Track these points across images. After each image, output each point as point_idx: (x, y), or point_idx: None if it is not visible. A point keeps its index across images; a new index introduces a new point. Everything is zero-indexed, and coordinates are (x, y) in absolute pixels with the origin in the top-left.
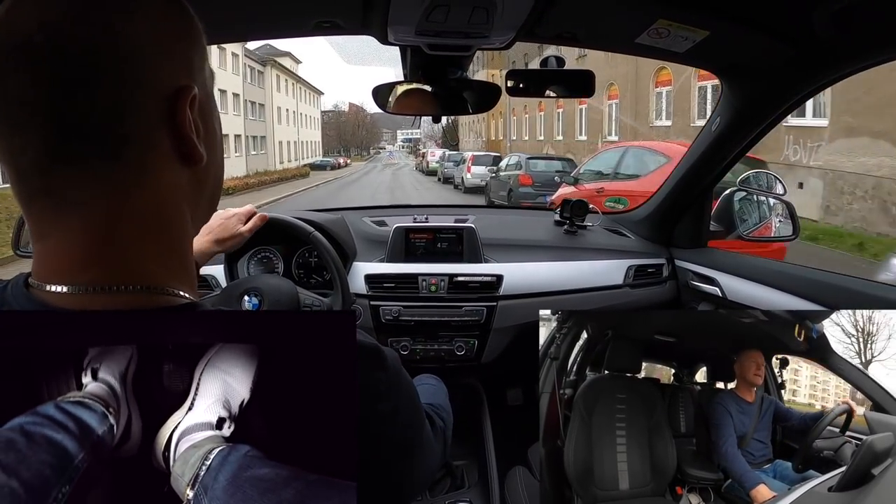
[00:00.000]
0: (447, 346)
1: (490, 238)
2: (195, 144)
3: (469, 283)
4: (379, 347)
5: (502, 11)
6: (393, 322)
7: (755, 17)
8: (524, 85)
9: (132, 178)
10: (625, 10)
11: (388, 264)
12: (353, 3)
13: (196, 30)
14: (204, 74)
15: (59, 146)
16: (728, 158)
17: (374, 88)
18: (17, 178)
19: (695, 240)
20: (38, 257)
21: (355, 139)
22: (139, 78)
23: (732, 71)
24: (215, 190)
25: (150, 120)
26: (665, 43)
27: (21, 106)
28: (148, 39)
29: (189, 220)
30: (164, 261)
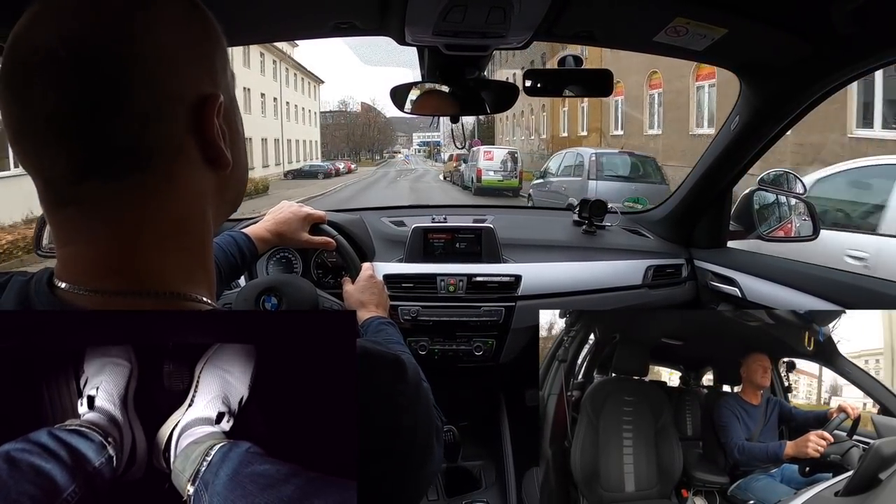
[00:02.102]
0: (465, 346)
1: (509, 238)
2: (223, 150)
3: (487, 283)
4: (400, 359)
5: (519, 11)
6: (411, 322)
7: (774, 14)
8: (542, 84)
9: (160, 185)
10: (642, 8)
11: (406, 264)
12: (370, 4)
13: (217, 34)
14: (227, 78)
15: (88, 159)
16: (747, 157)
17: (392, 89)
18: (44, 187)
19: (714, 240)
20: (62, 260)
21: (366, 140)
22: (165, 86)
23: (751, 69)
24: (239, 192)
25: (177, 128)
26: (683, 41)
27: (48, 121)
28: (171, 47)
29: (212, 224)
30: (186, 266)
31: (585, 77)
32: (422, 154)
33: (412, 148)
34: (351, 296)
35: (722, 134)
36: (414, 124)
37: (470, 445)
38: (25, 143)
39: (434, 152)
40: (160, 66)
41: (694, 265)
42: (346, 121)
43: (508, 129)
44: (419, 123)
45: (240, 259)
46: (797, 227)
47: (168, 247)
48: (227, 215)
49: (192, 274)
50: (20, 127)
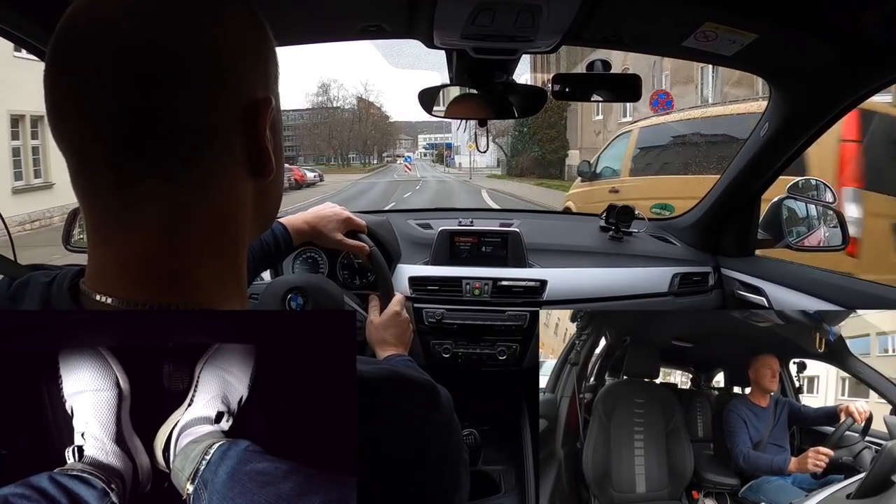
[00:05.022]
0: (489, 349)
1: (535, 243)
2: (270, 156)
3: (513, 287)
4: (434, 386)
5: (548, 15)
6: (436, 325)
7: (804, 19)
8: (570, 89)
9: (204, 181)
10: (671, 13)
11: (432, 267)
12: (398, 7)
13: (273, 44)
14: (278, 87)
15: (134, 138)
16: (777, 164)
17: (420, 92)
18: (80, 168)
19: (742, 248)
20: (93, 262)
21: (356, 139)
22: (224, 82)
23: (781, 74)
24: (275, 205)
25: (228, 126)
26: (712, 46)
27: (95, 90)
28: (235, 45)
29: (247, 236)
30: (220, 275)
31: (614, 81)
32: (429, 158)
33: (417, 151)
34: (373, 331)
35: (751, 140)
36: (418, 125)
37: (490, 449)
38: (67, 112)
39: (446, 155)
40: (220, 60)
41: (721, 273)
42: (326, 118)
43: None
44: (425, 124)
45: (274, 248)
46: (826, 236)
47: (206, 253)
48: (261, 230)
49: (225, 286)
50: (67, 93)
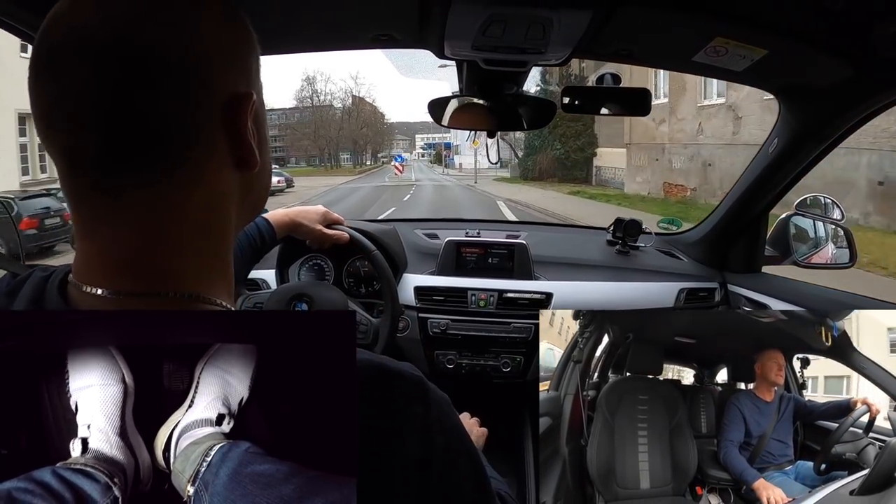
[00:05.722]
0: (493, 361)
1: (541, 255)
2: (254, 150)
3: (518, 299)
4: (423, 381)
5: (559, 28)
6: (440, 335)
7: (814, 35)
8: (580, 102)
9: (189, 180)
10: (682, 27)
11: (438, 277)
12: (409, 17)
13: (254, 40)
14: (259, 81)
15: (119, 143)
16: (785, 181)
17: (430, 102)
18: (68, 171)
19: (749, 264)
20: (80, 255)
21: (346, 138)
22: (204, 81)
23: (790, 91)
24: (261, 196)
25: (211, 124)
26: (722, 61)
27: (79, 99)
28: (213, 44)
29: (233, 227)
30: (206, 267)
31: (624, 95)
32: (426, 158)
33: (415, 152)
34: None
35: (759, 157)
36: (415, 125)
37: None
38: (54, 119)
39: (445, 156)
40: (200, 59)
41: (728, 289)
42: (312, 115)
43: None
44: (422, 123)
45: (259, 242)
46: (833, 253)
47: (192, 246)
48: (247, 220)
49: (212, 276)
50: (51, 102)
